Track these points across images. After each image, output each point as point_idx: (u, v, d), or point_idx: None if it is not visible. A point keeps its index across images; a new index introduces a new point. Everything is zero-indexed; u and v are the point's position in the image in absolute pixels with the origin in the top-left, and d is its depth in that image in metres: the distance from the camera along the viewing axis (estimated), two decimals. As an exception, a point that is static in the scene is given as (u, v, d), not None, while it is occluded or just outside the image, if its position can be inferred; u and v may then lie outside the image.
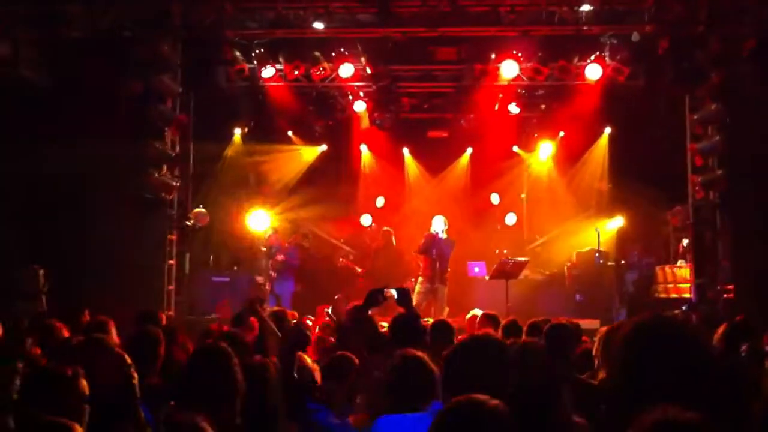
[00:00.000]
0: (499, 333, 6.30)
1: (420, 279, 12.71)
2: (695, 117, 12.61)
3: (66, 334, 5.72)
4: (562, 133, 16.05)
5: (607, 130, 15.58)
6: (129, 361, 3.81)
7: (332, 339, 7.26)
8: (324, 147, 16.64)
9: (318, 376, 5.52)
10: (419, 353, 3.82)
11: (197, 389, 3.55)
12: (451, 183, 17.06)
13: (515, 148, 16.70)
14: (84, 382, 3.36)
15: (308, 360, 5.80)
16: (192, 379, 3.66)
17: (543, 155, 16.38)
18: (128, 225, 11.10)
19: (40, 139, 10.22)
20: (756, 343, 5.67)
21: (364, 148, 17.07)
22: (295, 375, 5.11)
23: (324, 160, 16.74)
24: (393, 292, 5.47)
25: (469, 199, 16.71)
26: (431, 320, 7.76)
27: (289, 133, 16.35)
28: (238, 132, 15.51)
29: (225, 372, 3.59)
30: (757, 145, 10.83)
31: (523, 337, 5.92)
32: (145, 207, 11.69)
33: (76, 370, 3.37)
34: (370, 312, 6.60)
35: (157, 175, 12.00)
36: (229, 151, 15.42)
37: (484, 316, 7.47)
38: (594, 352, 5.56)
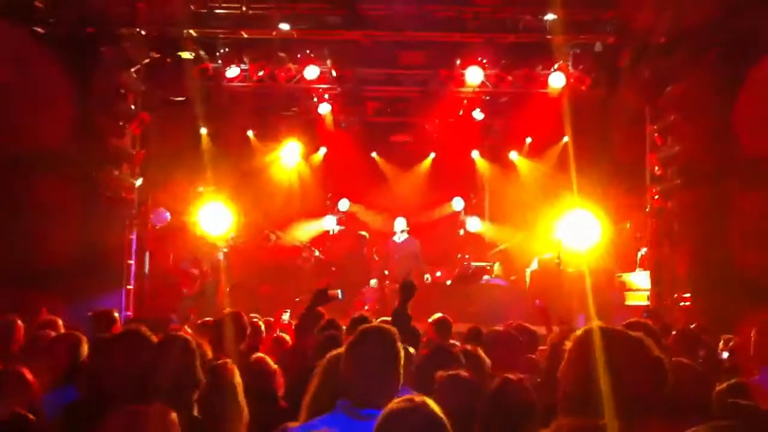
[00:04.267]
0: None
1: (387, 282, 12.76)
2: (655, 127, 12.80)
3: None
4: (529, 140, 16.12)
5: (565, 138, 15.62)
6: None
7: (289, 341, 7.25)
8: (297, 148, 16.51)
9: (279, 380, 5.45)
10: None
11: (159, 379, 3.59)
12: (413, 187, 17.07)
13: (475, 155, 16.75)
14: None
15: (270, 362, 5.72)
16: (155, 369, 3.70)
17: (507, 161, 16.46)
18: (87, 223, 10.93)
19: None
20: (712, 349, 5.80)
21: (323, 150, 16.97)
22: None
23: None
24: (338, 292, 5.46)
25: (431, 204, 16.73)
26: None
27: (249, 132, 16.23)
28: (203, 131, 15.29)
29: (186, 364, 3.64)
30: (715, 156, 10.99)
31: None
32: (105, 205, 11.53)
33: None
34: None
35: (117, 173, 11.84)
36: (193, 151, 15.18)
37: (435, 321, 7.44)
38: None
